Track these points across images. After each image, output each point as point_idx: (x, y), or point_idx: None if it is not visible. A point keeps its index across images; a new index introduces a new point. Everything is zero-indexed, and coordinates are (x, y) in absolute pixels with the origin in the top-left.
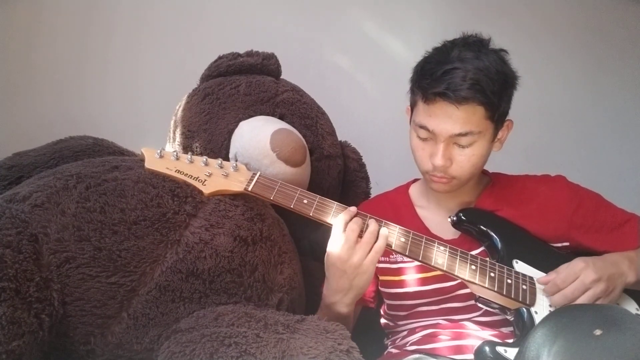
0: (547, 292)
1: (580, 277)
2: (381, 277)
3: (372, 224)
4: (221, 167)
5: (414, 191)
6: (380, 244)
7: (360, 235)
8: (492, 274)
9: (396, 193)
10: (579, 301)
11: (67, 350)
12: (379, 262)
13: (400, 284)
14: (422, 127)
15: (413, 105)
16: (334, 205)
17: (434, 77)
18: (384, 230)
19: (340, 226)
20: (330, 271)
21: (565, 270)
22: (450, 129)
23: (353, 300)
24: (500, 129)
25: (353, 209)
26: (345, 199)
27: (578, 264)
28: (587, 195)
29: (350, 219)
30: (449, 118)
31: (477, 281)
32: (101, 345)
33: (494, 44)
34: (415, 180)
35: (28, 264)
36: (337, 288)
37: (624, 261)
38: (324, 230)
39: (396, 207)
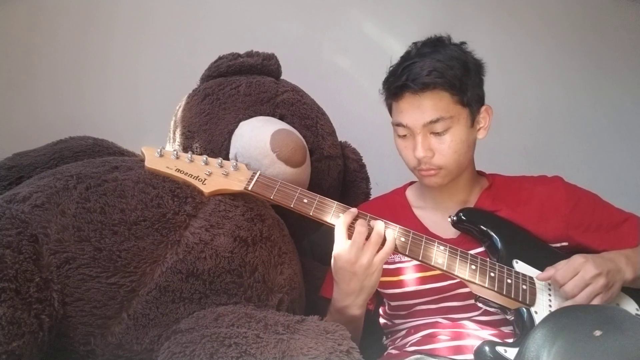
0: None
1: (580, 273)
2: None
3: (379, 224)
4: (221, 166)
5: (411, 193)
6: (389, 245)
7: (367, 237)
8: (492, 274)
9: (393, 195)
10: (579, 297)
11: (67, 350)
12: None
13: (399, 284)
14: (398, 124)
15: (390, 110)
16: (334, 204)
17: (395, 75)
18: (389, 232)
19: (342, 228)
20: (339, 275)
21: (565, 266)
22: (421, 118)
23: (365, 301)
24: (478, 115)
25: (354, 210)
26: (345, 200)
27: (577, 259)
28: (584, 195)
29: (352, 220)
30: (417, 108)
31: (477, 281)
32: (101, 346)
33: (494, 45)
34: (412, 183)
35: (28, 265)
36: (349, 291)
37: (621, 258)
38: (324, 230)
39: (393, 208)
